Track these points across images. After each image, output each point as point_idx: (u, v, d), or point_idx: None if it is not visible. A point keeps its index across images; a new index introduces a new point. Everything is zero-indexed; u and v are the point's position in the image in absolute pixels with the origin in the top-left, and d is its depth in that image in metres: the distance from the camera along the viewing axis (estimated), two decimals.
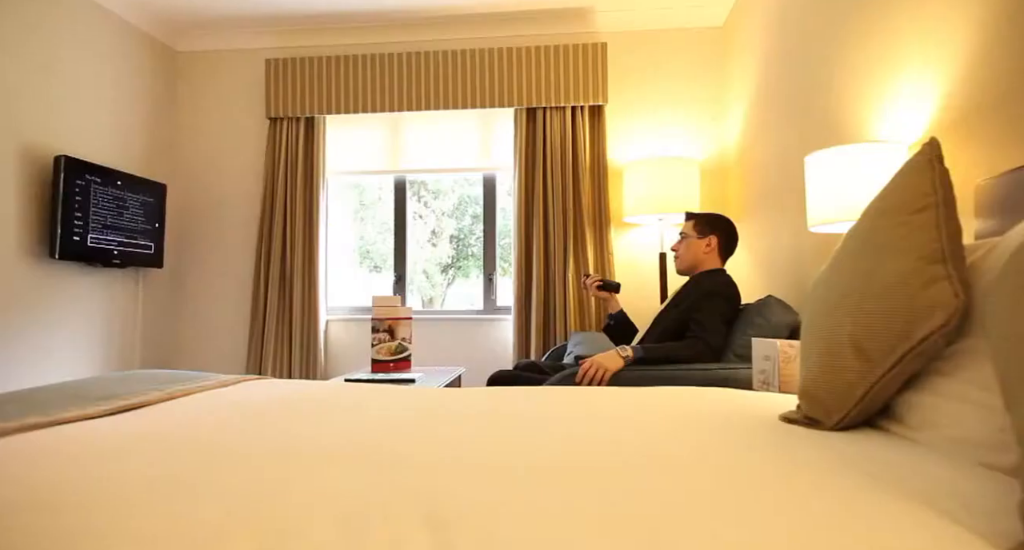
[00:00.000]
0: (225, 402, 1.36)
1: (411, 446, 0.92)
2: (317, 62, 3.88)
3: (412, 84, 3.82)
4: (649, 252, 3.74)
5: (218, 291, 4.03)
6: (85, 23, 3.42)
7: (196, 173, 4.09)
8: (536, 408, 1.27)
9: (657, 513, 0.62)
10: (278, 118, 3.92)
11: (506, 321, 3.83)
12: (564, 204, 3.66)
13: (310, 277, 3.82)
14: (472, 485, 0.71)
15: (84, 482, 0.75)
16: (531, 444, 0.93)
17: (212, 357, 4.01)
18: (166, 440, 0.98)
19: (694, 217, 2.46)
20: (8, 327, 2.95)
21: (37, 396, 1.38)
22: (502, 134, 3.89)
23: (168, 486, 0.73)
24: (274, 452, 0.89)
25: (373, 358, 2.87)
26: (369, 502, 0.65)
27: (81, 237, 3.20)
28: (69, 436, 1.03)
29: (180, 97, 4.13)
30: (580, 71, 3.68)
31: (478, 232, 4.14)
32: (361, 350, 3.92)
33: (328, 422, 1.13)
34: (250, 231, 4.00)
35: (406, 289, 4.03)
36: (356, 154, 3.99)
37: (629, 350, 2.09)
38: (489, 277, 3.94)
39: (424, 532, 0.57)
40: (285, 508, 0.64)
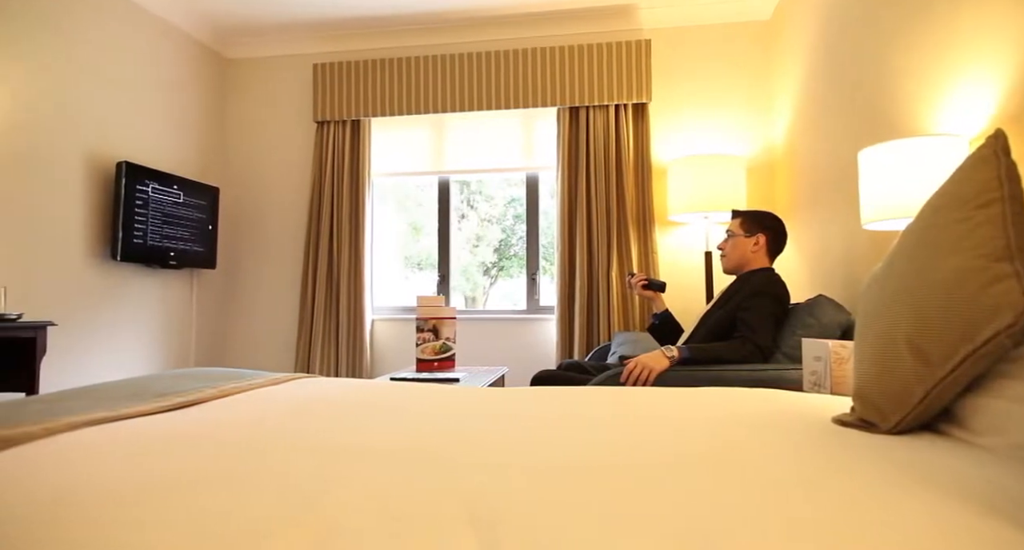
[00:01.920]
0: (276, 400, 1.39)
1: (457, 446, 0.93)
2: (363, 65, 3.95)
3: (456, 85, 3.85)
4: (694, 251, 3.68)
5: (268, 291, 4.14)
6: (144, 34, 3.55)
7: (247, 176, 4.21)
8: (581, 408, 1.26)
9: (703, 515, 0.61)
10: (325, 121, 4.00)
11: (549, 321, 3.83)
12: (607, 203, 3.64)
13: (356, 277, 3.89)
14: (518, 485, 0.71)
15: (144, 475, 0.78)
16: (576, 444, 0.93)
17: (262, 355, 4.12)
18: (219, 436, 1.01)
19: (741, 215, 2.41)
20: (75, 326, 3.09)
21: (102, 392, 1.44)
22: (545, 134, 3.88)
23: (221, 481, 0.75)
24: (323, 449, 0.91)
25: (418, 357, 2.90)
26: (416, 501, 0.66)
27: (141, 239, 3.33)
28: (130, 430, 1.08)
29: (231, 103, 4.26)
30: (623, 69, 3.65)
31: (520, 232, 4.14)
32: (405, 349, 3.97)
33: (375, 420, 1.15)
34: (298, 232, 4.10)
35: (450, 289, 4.07)
36: (401, 155, 4.05)
37: (675, 350, 2.06)
38: (532, 277, 3.94)
39: (470, 531, 0.58)
40: (334, 505, 0.65)
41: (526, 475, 0.75)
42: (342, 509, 0.64)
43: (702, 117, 3.70)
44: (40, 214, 2.93)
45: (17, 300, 2.79)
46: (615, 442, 0.94)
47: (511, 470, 0.78)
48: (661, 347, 2.08)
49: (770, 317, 2.14)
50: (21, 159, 2.84)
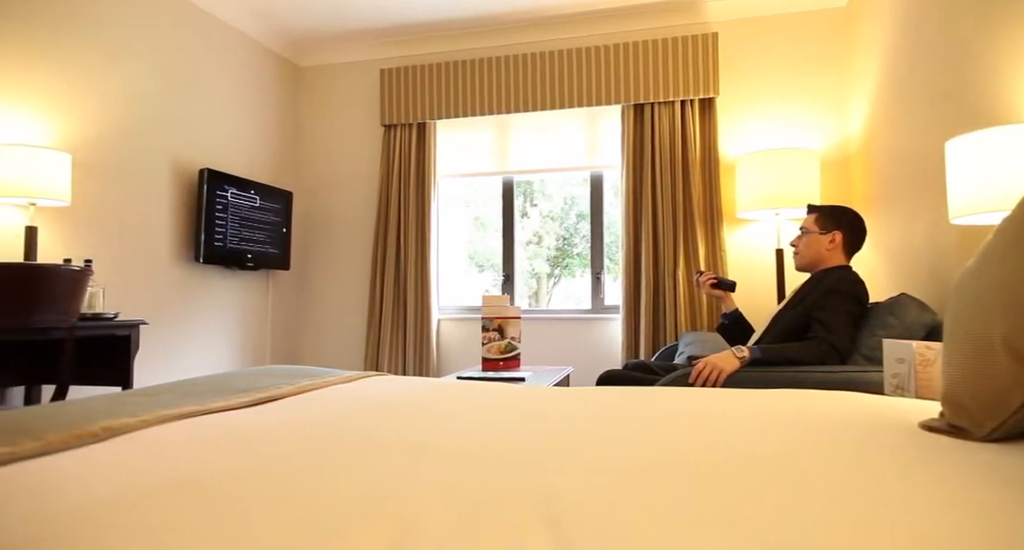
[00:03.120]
0: (349, 397, 1.44)
1: (528, 445, 0.94)
2: (427, 69, 4.02)
3: (519, 86, 3.87)
4: (765, 249, 3.57)
5: (338, 291, 4.27)
6: (222, 46, 3.73)
7: (318, 180, 4.36)
8: (649, 408, 1.25)
9: (778, 519, 0.59)
10: (392, 125, 4.09)
11: (614, 320, 3.79)
12: (673, 200, 3.57)
13: (422, 277, 3.96)
14: (591, 485, 0.71)
15: (229, 466, 0.82)
16: (647, 444, 0.92)
17: (333, 353, 4.26)
18: (298, 431, 1.06)
19: (816, 211, 2.32)
20: (163, 325, 3.28)
21: (189, 387, 1.52)
22: (609, 132, 3.85)
23: (300, 474, 0.78)
24: (397, 447, 0.93)
25: (484, 356, 2.93)
26: (489, 500, 0.67)
27: (221, 242, 3.50)
28: (216, 424, 1.14)
29: (304, 109, 4.42)
30: (690, 64, 3.58)
31: (584, 231, 4.12)
32: (471, 348, 4.01)
33: (446, 419, 1.17)
34: (367, 234, 4.21)
35: (514, 288, 4.09)
36: (465, 157, 4.10)
37: (746, 350, 2.00)
38: (597, 276, 3.91)
39: (543, 530, 0.58)
40: (409, 502, 0.67)
41: (599, 475, 0.75)
42: (417, 506, 0.65)
43: (772, 111, 3.59)
44: (133, 220, 3.12)
45: (113, 300, 2.98)
46: (686, 443, 0.92)
47: (583, 470, 0.78)
48: (731, 347, 2.03)
49: (847, 316, 2.06)
50: (116, 168, 3.04)
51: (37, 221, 2.61)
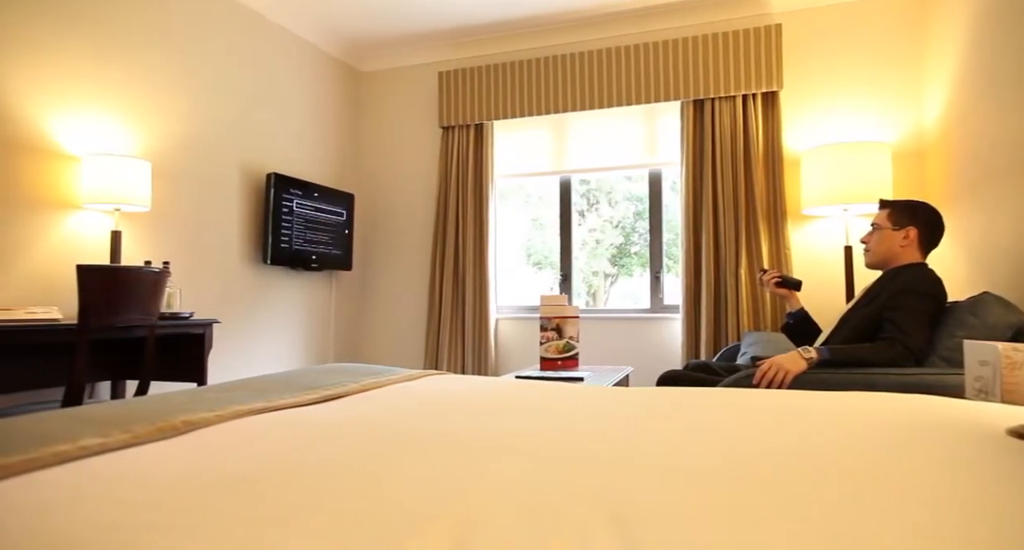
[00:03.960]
0: (412, 396, 1.47)
1: (589, 444, 0.94)
2: (484, 71, 4.05)
3: (576, 84, 3.85)
4: (832, 246, 3.44)
5: (398, 291, 4.36)
6: (288, 54, 3.86)
7: (379, 182, 4.46)
8: (712, 409, 1.22)
9: (857, 531, 0.57)
10: (450, 126, 4.14)
11: (674, 320, 3.73)
12: (735, 197, 3.49)
13: (481, 277, 3.99)
14: (655, 485, 0.71)
15: (300, 461, 0.85)
16: (711, 446, 0.90)
17: (393, 351, 4.35)
18: (364, 428, 1.08)
19: (889, 206, 2.22)
20: (233, 324, 3.42)
21: (259, 384, 1.59)
22: (668, 129, 3.79)
23: (368, 470, 0.81)
24: (460, 444, 0.95)
25: (542, 356, 2.93)
26: (554, 498, 0.67)
27: (287, 244, 3.63)
28: (286, 420, 1.18)
29: (364, 113, 4.53)
30: (752, 57, 3.48)
31: (641, 229, 4.07)
32: (529, 347, 4.02)
33: (507, 417, 1.18)
34: (426, 234, 4.28)
35: (572, 288, 4.08)
36: (522, 156, 4.11)
37: (813, 351, 1.94)
38: (656, 275, 3.86)
39: (609, 530, 0.58)
40: (475, 498, 0.68)
41: (665, 477, 0.75)
42: (482, 503, 0.66)
43: (840, 103, 3.45)
44: (206, 223, 3.27)
45: (188, 300, 3.13)
46: (753, 446, 0.90)
47: (649, 471, 0.77)
48: (797, 348, 1.97)
49: (923, 316, 1.96)
50: (191, 174, 3.19)
51: (121, 226, 2.77)
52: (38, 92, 2.52)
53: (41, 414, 1.18)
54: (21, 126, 2.46)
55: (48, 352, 2.50)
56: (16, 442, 0.92)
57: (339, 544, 0.56)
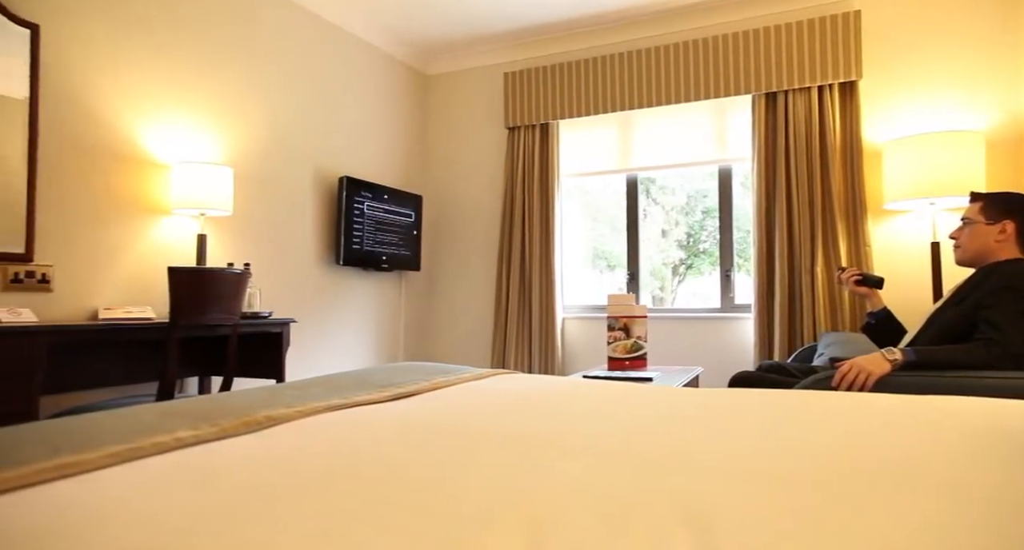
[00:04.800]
0: (482, 394, 1.49)
1: (662, 445, 0.92)
2: (550, 70, 4.06)
3: (643, 81, 3.80)
4: (917, 242, 3.26)
5: (465, 291, 4.42)
6: (358, 60, 3.98)
7: (446, 183, 4.53)
8: (789, 412, 1.19)
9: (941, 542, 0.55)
10: (515, 127, 4.17)
11: (745, 320, 3.63)
12: (810, 192, 3.36)
13: (547, 276, 4.00)
14: (731, 489, 0.69)
15: (377, 457, 0.88)
16: (789, 450, 0.88)
17: (461, 350, 4.41)
18: (436, 426, 1.11)
19: (982, 199, 2.08)
20: (309, 323, 3.55)
21: (334, 381, 1.64)
22: (738, 123, 3.69)
23: (441, 467, 0.82)
24: (531, 442, 0.96)
25: (609, 355, 2.91)
26: (628, 499, 0.67)
27: (359, 245, 3.74)
28: (360, 417, 1.22)
29: (431, 115, 4.61)
30: (828, 46, 3.34)
31: (710, 227, 3.98)
32: (595, 347, 4.00)
33: (577, 416, 1.18)
34: (493, 234, 4.32)
35: (639, 287, 4.03)
36: (588, 155, 4.09)
37: (898, 352, 1.84)
38: (726, 274, 3.76)
39: (685, 534, 0.57)
40: (547, 497, 0.68)
41: (741, 480, 0.73)
42: (556, 502, 0.67)
43: (925, 91, 3.27)
44: (282, 226, 3.41)
45: (267, 300, 3.28)
46: (834, 451, 0.87)
47: (724, 474, 0.76)
48: (880, 349, 1.88)
49: (1022, 316, 1.83)
50: (268, 179, 3.33)
51: (206, 229, 2.92)
52: (133, 105, 2.69)
53: (139, 407, 1.26)
54: (118, 137, 2.64)
55: (143, 349, 2.67)
56: (122, 433, 0.99)
57: (415, 539, 0.58)
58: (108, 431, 1.01)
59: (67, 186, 2.45)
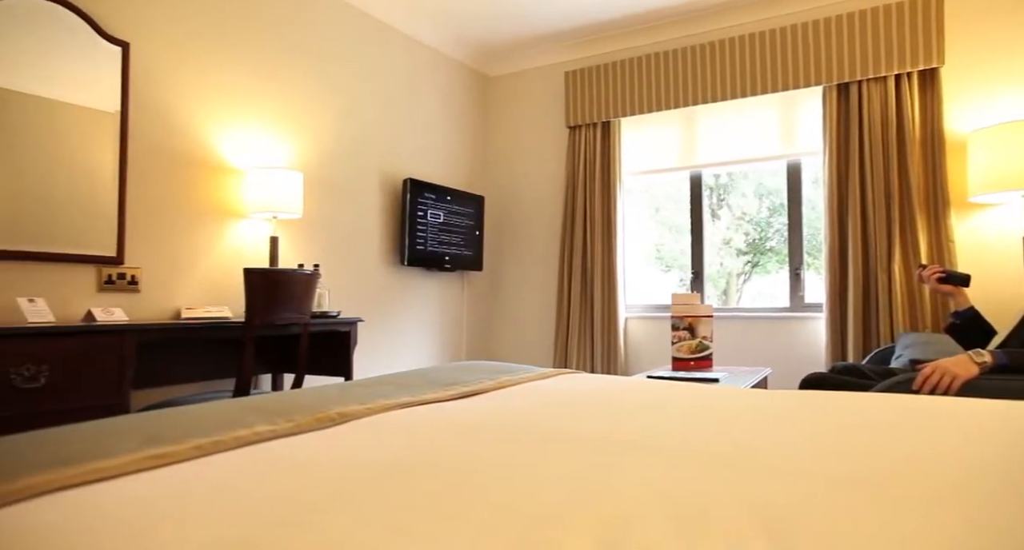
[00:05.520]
0: (548, 393, 1.49)
1: (734, 447, 0.91)
2: (611, 68, 4.02)
3: (707, 75, 3.72)
4: (1007, 237, 3.07)
5: (527, 290, 4.43)
6: (421, 63, 4.05)
7: (507, 184, 4.56)
8: (866, 416, 1.14)
9: None
10: (576, 126, 4.15)
11: (816, 319, 3.50)
12: (887, 187, 3.21)
13: (609, 275, 3.97)
14: (810, 494, 0.67)
15: (446, 454, 0.90)
16: (868, 455, 0.84)
17: (523, 349, 4.42)
18: (503, 424, 1.12)
19: None
20: (374, 322, 3.64)
21: (402, 379, 1.68)
22: (808, 116, 3.56)
23: (510, 464, 0.83)
24: (600, 442, 0.95)
25: (674, 356, 2.87)
26: (702, 503, 0.66)
27: (422, 246, 3.81)
28: (428, 414, 1.24)
29: (493, 116, 4.65)
30: (907, 32, 3.18)
31: (777, 225, 3.85)
32: (658, 347, 3.94)
33: (645, 416, 1.17)
34: (554, 234, 4.32)
35: (704, 286, 3.94)
36: (651, 153, 4.03)
37: (987, 355, 1.74)
38: (796, 272, 3.64)
39: (764, 539, 0.56)
40: (619, 498, 0.68)
41: (817, 484, 0.71)
42: (627, 502, 0.66)
43: (1015, 77, 3.06)
44: (349, 227, 3.51)
45: (335, 300, 3.38)
46: (918, 457, 0.83)
47: (801, 478, 0.74)
48: (967, 351, 1.78)
49: None
50: (336, 182, 3.44)
51: (278, 232, 3.04)
52: (211, 115, 2.83)
53: (219, 402, 1.32)
54: (197, 145, 2.77)
55: (220, 346, 2.80)
56: (205, 427, 1.04)
57: (487, 536, 0.58)
58: (192, 425, 1.07)
59: (152, 193, 2.60)
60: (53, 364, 1.89)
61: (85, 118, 2.37)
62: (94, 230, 2.38)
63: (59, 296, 2.30)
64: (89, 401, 1.97)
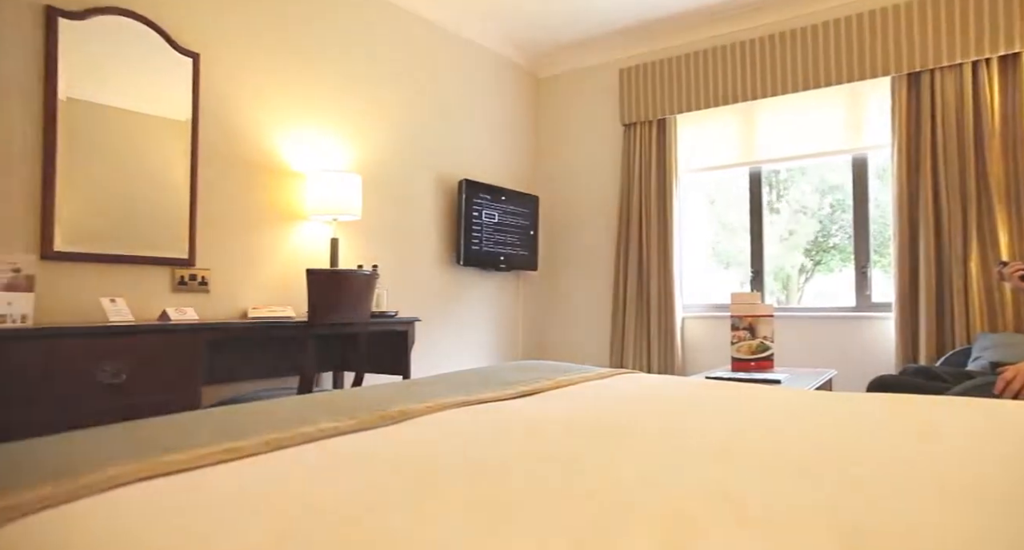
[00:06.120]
0: (607, 393, 1.48)
1: (802, 451, 0.88)
2: (666, 64, 3.96)
3: (767, 69, 3.62)
4: None
5: (582, 290, 4.41)
6: (475, 65, 4.08)
7: (561, 183, 4.55)
8: (944, 420, 1.09)
9: None
10: (631, 124, 4.11)
11: (885, 319, 3.36)
12: (962, 180, 3.05)
13: (666, 275, 3.91)
14: (889, 504, 0.65)
15: (510, 452, 0.90)
16: (952, 461, 0.80)
17: (578, 349, 4.41)
18: (563, 423, 1.12)
19: None
20: (432, 322, 3.70)
21: (460, 378, 1.70)
22: (875, 108, 3.42)
23: (574, 464, 0.83)
24: (661, 442, 0.94)
25: (733, 356, 2.80)
26: (772, 507, 0.64)
27: (478, 246, 3.84)
28: (488, 413, 1.25)
29: (545, 116, 4.64)
30: (984, 15, 3.01)
31: (841, 222, 3.71)
32: (716, 347, 3.86)
33: (705, 417, 1.15)
34: (609, 233, 4.29)
35: (764, 285, 3.84)
36: (708, 149, 3.95)
37: None
38: (862, 270, 3.50)
39: None
40: (683, 500, 0.67)
41: (897, 493, 0.68)
42: (694, 506, 0.65)
43: None
44: (406, 229, 3.57)
45: (393, 300, 3.44)
46: (1002, 465, 0.79)
47: (878, 485, 0.71)
48: None
49: None
50: (393, 184, 3.50)
51: (338, 233, 3.12)
52: (273, 121, 2.93)
53: (284, 399, 1.37)
54: (261, 150, 2.88)
55: (283, 345, 2.89)
56: (273, 422, 1.08)
57: (553, 534, 0.59)
58: (261, 420, 1.11)
59: (219, 197, 2.71)
60: (132, 361, 2.00)
61: (160, 127, 2.49)
62: (168, 233, 2.50)
63: (137, 296, 2.42)
64: (163, 397, 2.07)
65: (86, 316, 2.27)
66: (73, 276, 2.25)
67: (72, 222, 2.24)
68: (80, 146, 2.26)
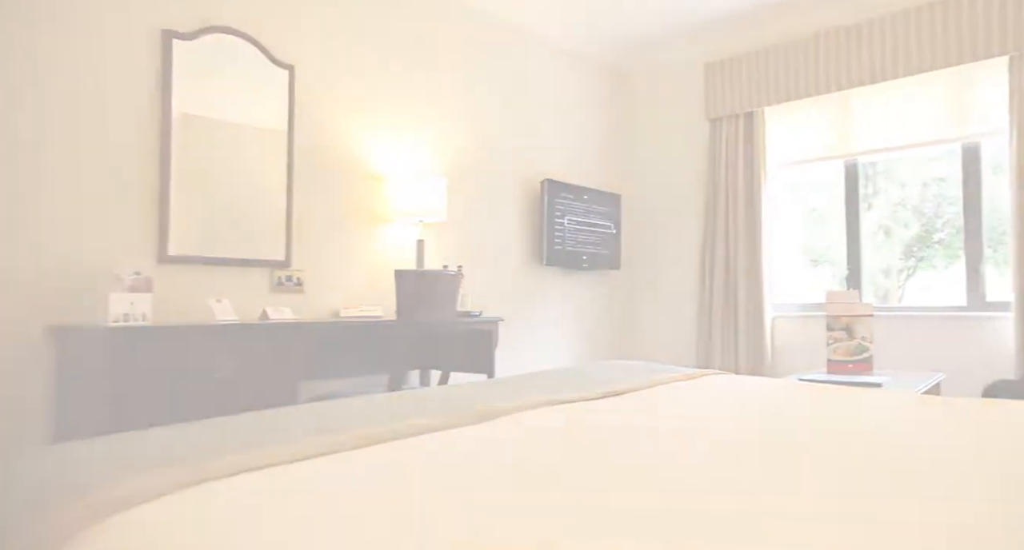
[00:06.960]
0: (696, 394, 1.45)
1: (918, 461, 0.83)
2: (754, 56, 3.82)
3: (862, 56, 3.42)
4: None
5: (667, 288, 4.33)
6: (555, 64, 4.08)
7: (644, 181, 4.48)
8: None
9: None
10: (717, 118, 3.99)
11: (1001, 320, 3.10)
12: None
13: (754, 273, 3.77)
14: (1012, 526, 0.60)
15: (603, 453, 0.90)
16: None
17: (664, 348, 4.32)
18: (654, 425, 1.10)
19: None
20: (516, 321, 3.73)
21: (544, 378, 1.71)
22: (988, 92, 3.16)
23: (672, 468, 0.82)
24: (758, 446, 0.91)
25: (829, 358, 2.68)
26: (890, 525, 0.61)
27: (560, 245, 3.84)
28: (575, 413, 1.25)
29: (628, 113, 4.58)
30: None
31: (946, 215, 3.45)
32: (809, 348, 3.69)
33: (805, 421, 1.10)
34: (694, 230, 4.18)
35: (861, 283, 3.63)
36: (800, 142, 3.78)
37: None
38: (975, 267, 3.25)
39: None
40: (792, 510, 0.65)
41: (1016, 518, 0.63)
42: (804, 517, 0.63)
43: None
44: (490, 229, 3.62)
45: (477, 300, 3.50)
46: None
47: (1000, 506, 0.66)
48: None
49: None
50: (476, 185, 3.56)
51: (424, 235, 3.21)
52: (362, 127, 3.04)
53: (376, 396, 1.42)
54: (350, 155, 2.99)
55: (373, 343, 2.99)
56: (366, 418, 1.13)
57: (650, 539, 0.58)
58: (355, 416, 1.16)
59: (312, 202, 2.84)
60: (238, 358, 2.13)
61: (260, 137, 2.64)
62: (267, 236, 2.65)
63: (239, 297, 2.58)
64: (263, 392, 2.19)
65: (195, 315, 2.44)
66: (183, 278, 2.43)
67: (183, 228, 2.41)
68: (191, 157, 2.44)
